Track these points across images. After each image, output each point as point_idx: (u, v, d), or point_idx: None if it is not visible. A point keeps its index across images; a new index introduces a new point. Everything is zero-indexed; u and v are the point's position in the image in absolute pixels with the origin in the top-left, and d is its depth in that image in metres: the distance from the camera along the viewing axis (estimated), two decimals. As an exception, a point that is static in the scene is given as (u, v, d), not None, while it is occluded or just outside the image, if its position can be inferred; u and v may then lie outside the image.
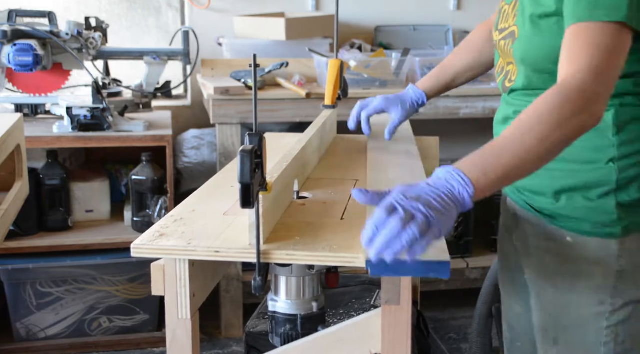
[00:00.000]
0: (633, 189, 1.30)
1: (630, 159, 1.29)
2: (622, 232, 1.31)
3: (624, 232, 1.31)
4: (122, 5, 3.38)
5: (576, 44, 1.17)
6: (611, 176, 1.29)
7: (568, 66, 1.16)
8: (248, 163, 1.00)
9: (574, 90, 1.11)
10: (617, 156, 1.28)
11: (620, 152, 1.29)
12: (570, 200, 1.32)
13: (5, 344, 2.71)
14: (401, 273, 1.00)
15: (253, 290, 1.10)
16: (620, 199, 1.29)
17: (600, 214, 1.30)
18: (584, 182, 1.30)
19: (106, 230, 2.81)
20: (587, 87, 1.12)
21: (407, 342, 1.07)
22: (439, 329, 2.92)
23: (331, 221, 1.24)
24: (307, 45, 3.02)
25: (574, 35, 1.18)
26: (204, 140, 3.18)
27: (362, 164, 1.58)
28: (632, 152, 1.29)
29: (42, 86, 2.84)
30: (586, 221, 1.32)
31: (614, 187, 1.29)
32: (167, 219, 1.24)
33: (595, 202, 1.30)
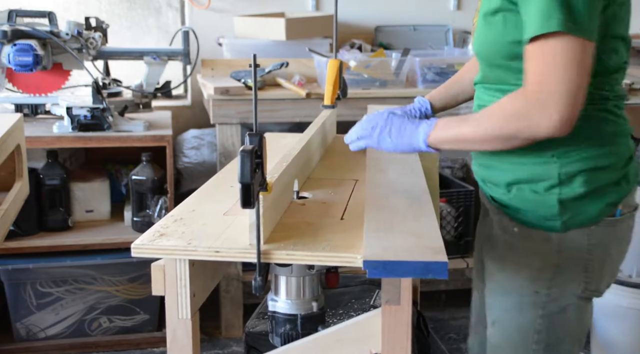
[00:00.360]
0: (576, 183, 1.35)
1: (571, 154, 1.35)
2: (562, 227, 1.38)
3: (563, 227, 1.38)
4: (122, 5, 3.38)
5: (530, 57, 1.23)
6: (553, 171, 1.36)
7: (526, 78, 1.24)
8: (248, 163, 1.00)
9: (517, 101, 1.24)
10: (559, 152, 1.35)
11: (562, 148, 1.34)
12: (519, 191, 1.40)
13: (5, 344, 2.71)
14: (398, 274, 1.00)
15: (253, 290, 1.10)
16: (563, 193, 1.36)
17: (544, 206, 1.37)
18: (531, 175, 1.38)
19: (106, 230, 2.81)
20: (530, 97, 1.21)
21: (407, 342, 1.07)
22: (439, 329, 2.92)
23: (331, 221, 1.24)
24: (307, 45, 3.02)
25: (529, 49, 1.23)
26: (204, 140, 3.18)
27: (361, 164, 1.58)
28: (573, 148, 1.35)
29: (42, 86, 2.84)
30: (531, 212, 1.40)
31: (556, 181, 1.36)
32: (167, 219, 1.24)
33: (541, 195, 1.37)
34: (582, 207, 1.37)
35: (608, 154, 1.37)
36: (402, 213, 1.20)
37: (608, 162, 1.37)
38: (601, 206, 1.37)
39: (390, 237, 1.08)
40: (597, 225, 1.38)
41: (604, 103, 1.37)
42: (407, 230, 1.11)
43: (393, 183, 1.37)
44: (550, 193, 1.36)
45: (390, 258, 1.00)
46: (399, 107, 1.65)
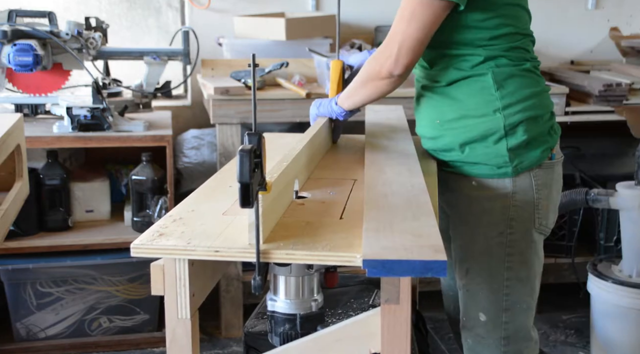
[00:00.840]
0: (519, 132, 1.59)
1: (511, 108, 1.59)
2: (513, 172, 1.60)
3: (514, 171, 1.60)
4: (122, 5, 3.39)
5: None
6: (499, 124, 1.58)
7: None
8: (247, 163, 1.00)
9: (373, 62, 1.59)
10: (501, 107, 1.58)
11: (503, 103, 1.58)
12: (472, 150, 1.61)
13: (5, 344, 2.71)
14: (398, 273, 1.00)
15: (253, 289, 1.10)
16: (510, 143, 1.58)
17: (495, 157, 1.60)
18: (480, 132, 1.60)
19: (106, 230, 2.81)
20: (378, 59, 1.57)
21: (406, 341, 1.07)
22: (439, 329, 2.92)
23: (330, 221, 1.24)
24: (307, 45, 3.02)
25: None
26: (204, 140, 3.18)
27: (360, 163, 1.58)
28: (513, 102, 1.59)
29: (42, 86, 2.84)
30: (485, 165, 1.61)
31: (503, 133, 1.58)
32: (166, 219, 1.24)
33: (491, 148, 1.59)
34: (526, 153, 1.60)
35: (537, 107, 1.61)
36: (401, 212, 1.20)
37: (540, 113, 1.61)
38: (540, 150, 1.61)
39: (390, 237, 1.08)
40: (539, 168, 1.62)
41: (525, 64, 1.62)
42: (406, 229, 1.11)
43: (392, 183, 1.37)
44: (499, 144, 1.58)
45: (390, 257, 1.00)
46: None
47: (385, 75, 1.56)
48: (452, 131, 1.63)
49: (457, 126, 1.62)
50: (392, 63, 1.54)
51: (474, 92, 1.61)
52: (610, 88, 2.90)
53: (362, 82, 1.63)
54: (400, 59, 1.53)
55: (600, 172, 3.32)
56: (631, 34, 3.54)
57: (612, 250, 3.02)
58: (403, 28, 1.51)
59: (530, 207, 1.63)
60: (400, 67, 1.54)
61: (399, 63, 1.53)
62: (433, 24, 1.52)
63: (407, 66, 1.54)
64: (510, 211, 1.62)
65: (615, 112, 2.94)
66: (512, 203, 1.62)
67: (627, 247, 2.52)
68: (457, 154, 1.64)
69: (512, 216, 1.62)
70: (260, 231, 1.08)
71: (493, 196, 1.62)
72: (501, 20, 1.58)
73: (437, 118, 1.66)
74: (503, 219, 1.63)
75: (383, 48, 1.56)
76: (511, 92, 1.59)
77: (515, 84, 1.60)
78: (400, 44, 1.52)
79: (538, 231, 1.66)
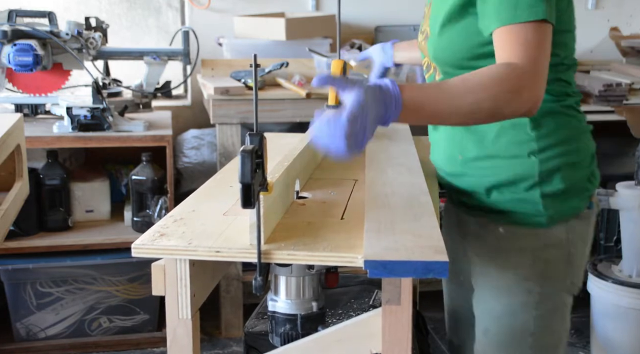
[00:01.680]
0: (556, 180, 1.38)
1: (549, 151, 1.38)
2: (547, 222, 1.40)
3: (549, 222, 1.40)
4: (122, 5, 3.38)
5: (508, 44, 1.24)
6: (533, 169, 1.38)
7: (507, 54, 1.24)
8: (249, 163, 1.00)
9: (513, 74, 1.20)
10: (537, 149, 1.38)
11: (539, 145, 1.38)
12: (500, 194, 1.41)
13: (5, 344, 2.71)
14: (399, 274, 1.00)
15: (254, 290, 1.10)
16: (544, 190, 1.38)
17: (527, 204, 1.39)
18: (510, 176, 1.39)
19: (106, 230, 2.81)
20: (524, 74, 1.20)
21: (407, 342, 1.07)
22: (439, 329, 2.92)
23: (331, 221, 1.24)
24: (307, 45, 3.02)
25: (502, 37, 1.25)
26: (204, 140, 3.18)
27: (361, 164, 1.58)
28: (550, 145, 1.38)
29: (42, 86, 2.84)
30: (515, 212, 1.40)
31: (536, 180, 1.38)
32: (167, 219, 1.24)
33: (522, 195, 1.39)
34: (563, 203, 1.40)
35: (578, 151, 1.42)
36: (402, 213, 1.20)
37: (580, 158, 1.42)
38: (578, 199, 1.42)
39: (391, 237, 1.08)
40: (576, 218, 1.43)
41: (567, 99, 1.42)
42: (408, 230, 1.11)
43: (393, 183, 1.37)
44: (531, 191, 1.39)
45: (391, 258, 1.00)
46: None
47: (524, 98, 1.21)
48: (476, 171, 1.43)
49: (483, 166, 1.42)
50: (535, 88, 1.22)
51: (505, 129, 1.38)
52: (610, 88, 2.90)
53: (471, 107, 1.19)
54: (542, 89, 1.23)
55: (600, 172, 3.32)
56: (631, 34, 3.54)
57: (612, 250, 3.02)
58: (536, 55, 1.22)
59: (563, 264, 1.43)
60: (539, 99, 1.23)
61: (539, 95, 1.23)
62: None
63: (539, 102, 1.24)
64: (542, 267, 1.41)
65: (615, 112, 2.94)
66: (544, 257, 1.41)
67: (627, 247, 2.52)
68: (482, 198, 1.44)
69: (542, 272, 1.41)
70: (261, 231, 1.08)
71: (523, 248, 1.41)
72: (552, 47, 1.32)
73: (459, 153, 1.45)
74: (532, 276, 1.41)
75: (525, 65, 1.21)
76: (550, 132, 1.38)
77: (554, 122, 1.39)
78: (542, 72, 1.23)
79: (569, 292, 1.45)
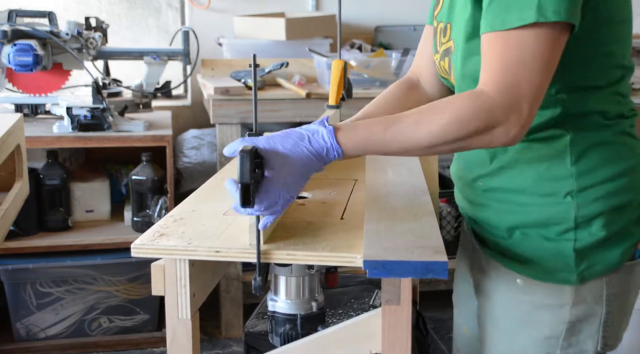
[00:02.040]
0: (595, 227, 1.15)
1: (591, 191, 1.14)
2: (578, 279, 1.17)
3: (580, 279, 1.17)
4: (122, 5, 3.38)
5: (490, 55, 1.05)
6: (569, 213, 1.15)
7: (483, 80, 1.05)
8: (247, 163, 1.00)
9: (483, 111, 1.01)
10: (576, 189, 1.14)
11: (579, 184, 1.14)
12: (524, 237, 1.19)
13: (5, 344, 2.71)
14: (398, 274, 1.00)
15: (253, 290, 1.10)
16: (580, 239, 1.15)
17: (556, 256, 1.16)
18: (541, 218, 1.16)
19: (106, 230, 2.81)
20: (495, 108, 1.01)
21: (407, 342, 1.07)
22: (439, 329, 2.92)
23: (331, 221, 1.24)
24: (307, 45, 3.02)
25: (487, 45, 1.06)
26: (204, 140, 3.18)
27: (361, 164, 1.58)
28: (594, 184, 1.14)
29: (42, 86, 2.84)
30: (539, 263, 1.18)
31: (572, 225, 1.15)
32: (166, 219, 1.24)
33: (552, 243, 1.16)
34: (601, 254, 1.16)
35: (628, 188, 1.16)
36: (402, 213, 1.20)
37: (629, 199, 1.16)
38: (622, 249, 1.17)
39: (390, 237, 1.08)
40: (617, 272, 1.18)
41: (620, 123, 1.16)
42: (407, 230, 1.11)
43: (393, 183, 1.37)
44: (563, 239, 1.15)
45: (390, 258, 1.00)
46: None
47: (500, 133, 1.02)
48: (498, 205, 1.20)
49: (506, 199, 1.19)
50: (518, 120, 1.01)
51: (538, 160, 1.16)
52: (610, 88, 2.90)
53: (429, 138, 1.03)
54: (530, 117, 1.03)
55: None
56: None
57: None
58: (519, 76, 1.01)
59: (596, 324, 1.19)
60: (522, 129, 1.03)
61: (520, 124, 1.02)
62: None
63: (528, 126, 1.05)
64: (566, 330, 1.19)
65: (616, 112, 2.93)
66: (570, 319, 1.18)
67: (627, 247, 2.51)
68: (501, 236, 1.21)
69: (566, 334, 1.19)
70: (261, 231, 1.08)
71: (544, 306, 1.19)
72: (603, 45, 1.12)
73: (480, 180, 1.23)
74: (553, 337, 1.19)
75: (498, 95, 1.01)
76: (594, 167, 1.13)
77: (601, 155, 1.14)
78: (530, 96, 1.02)
79: (601, 352, 1.23)
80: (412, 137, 1.03)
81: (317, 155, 1.05)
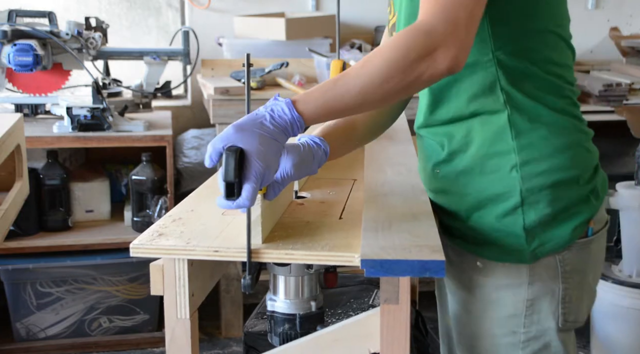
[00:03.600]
0: (542, 204, 1.18)
1: (534, 164, 1.18)
2: (531, 258, 1.20)
3: (533, 258, 1.20)
4: (122, 5, 3.39)
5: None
6: (515, 187, 1.18)
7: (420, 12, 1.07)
8: (232, 162, 1.00)
9: (422, 33, 1.03)
10: (519, 162, 1.17)
11: (522, 157, 1.17)
12: (480, 219, 1.22)
13: (5, 344, 2.71)
14: (396, 273, 1.00)
15: (242, 288, 1.10)
16: (528, 216, 1.18)
17: (508, 236, 1.20)
18: (490, 195, 1.20)
19: (106, 230, 2.81)
20: (434, 31, 1.02)
21: (405, 341, 1.07)
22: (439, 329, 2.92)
23: (330, 221, 1.24)
24: (307, 45, 3.02)
25: None
26: (204, 140, 3.18)
27: (360, 163, 1.58)
28: (536, 158, 1.18)
29: (42, 86, 2.84)
30: (495, 244, 1.22)
31: (519, 200, 1.18)
32: (165, 219, 1.24)
33: (502, 223, 1.20)
34: (550, 233, 1.19)
35: (572, 164, 1.19)
36: (400, 213, 1.20)
37: (574, 174, 1.19)
38: (572, 227, 1.20)
39: (388, 237, 1.08)
40: (569, 250, 1.21)
41: (563, 98, 1.21)
42: (405, 229, 1.11)
43: (391, 183, 1.37)
44: (513, 217, 1.19)
45: (388, 257, 1.00)
46: None
47: (441, 54, 1.03)
48: (455, 188, 1.25)
49: (460, 182, 1.24)
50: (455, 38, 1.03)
51: (482, 140, 1.20)
52: (610, 88, 2.90)
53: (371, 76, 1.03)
54: (468, 35, 1.05)
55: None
56: (631, 34, 3.54)
57: (612, 250, 3.02)
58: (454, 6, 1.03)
59: (555, 301, 1.22)
60: (461, 54, 1.04)
61: (460, 48, 1.04)
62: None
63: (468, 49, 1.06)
64: (526, 307, 1.23)
65: (615, 112, 2.94)
66: (529, 296, 1.22)
67: (627, 247, 2.52)
68: (461, 220, 1.25)
69: (527, 312, 1.23)
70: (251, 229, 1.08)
71: (502, 286, 1.23)
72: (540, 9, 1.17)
73: (436, 167, 1.28)
74: (515, 316, 1.23)
75: (434, 19, 1.03)
76: (535, 141, 1.18)
77: (541, 130, 1.18)
78: (465, 17, 1.04)
79: (563, 329, 1.24)
80: (361, 79, 1.03)
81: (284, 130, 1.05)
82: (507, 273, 1.23)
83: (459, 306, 1.32)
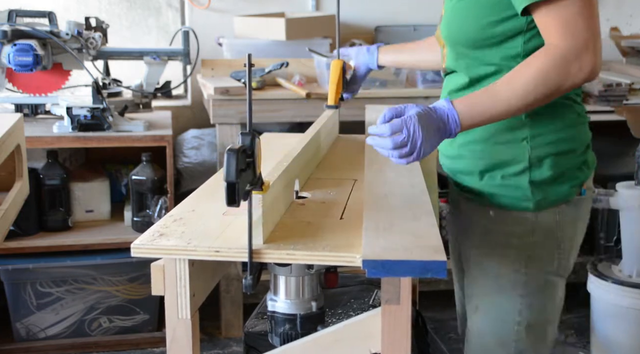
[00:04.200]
0: (545, 167, 1.44)
1: (541, 138, 1.43)
2: (535, 207, 1.45)
3: (536, 207, 1.45)
4: (122, 5, 3.39)
5: (545, 25, 1.31)
6: (524, 154, 1.44)
7: (550, 38, 1.30)
8: (234, 162, 1.00)
9: (554, 60, 1.27)
10: (530, 135, 1.43)
11: (532, 132, 1.43)
12: (491, 179, 1.47)
13: (5, 344, 2.71)
14: (397, 274, 1.00)
15: (244, 288, 1.10)
16: (533, 176, 1.44)
17: (516, 189, 1.45)
18: (502, 160, 1.45)
19: (106, 230, 2.81)
20: (566, 54, 1.27)
21: (406, 342, 1.07)
22: (439, 329, 2.92)
23: (330, 221, 1.24)
24: (307, 45, 3.01)
25: (540, 19, 1.31)
26: (204, 140, 3.18)
27: (360, 163, 1.58)
28: (543, 133, 1.43)
29: (42, 86, 2.84)
30: (504, 195, 1.47)
31: (527, 165, 1.44)
32: (166, 219, 1.24)
33: (511, 180, 1.45)
34: (552, 189, 1.45)
35: (571, 139, 1.46)
36: (401, 213, 1.20)
37: (573, 147, 1.46)
38: (569, 186, 1.46)
39: (389, 237, 1.08)
40: (566, 204, 1.47)
41: None
42: (406, 230, 1.11)
43: (392, 183, 1.37)
44: (520, 177, 1.44)
45: (389, 258, 1.00)
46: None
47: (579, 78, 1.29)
48: (471, 154, 1.49)
49: (477, 149, 1.48)
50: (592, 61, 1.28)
51: None
52: (610, 88, 2.90)
53: (525, 97, 1.29)
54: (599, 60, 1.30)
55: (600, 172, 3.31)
56: (631, 34, 3.54)
57: (612, 250, 3.02)
58: (577, 27, 1.28)
59: (552, 247, 1.48)
60: (594, 65, 1.28)
61: (591, 62, 1.28)
62: None
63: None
64: (529, 249, 1.47)
65: (615, 112, 2.94)
66: (532, 240, 1.47)
67: (627, 247, 2.51)
68: (474, 180, 1.50)
69: (529, 254, 1.47)
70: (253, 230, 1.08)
71: (510, 231, 1.48)
72: None
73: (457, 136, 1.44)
74: (519, 257, 1.48)
75: (564, 43, 1.28)
76: (544, 120, 1.43)
77: (551, 112, 1.43)
78: (588, 41, 1.28)
79: (557, 273, 1.51)
80: (511, 92, 1.29)
81: (445, 124, 1.30)
82: (515, 221, 1.47)
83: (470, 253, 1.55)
